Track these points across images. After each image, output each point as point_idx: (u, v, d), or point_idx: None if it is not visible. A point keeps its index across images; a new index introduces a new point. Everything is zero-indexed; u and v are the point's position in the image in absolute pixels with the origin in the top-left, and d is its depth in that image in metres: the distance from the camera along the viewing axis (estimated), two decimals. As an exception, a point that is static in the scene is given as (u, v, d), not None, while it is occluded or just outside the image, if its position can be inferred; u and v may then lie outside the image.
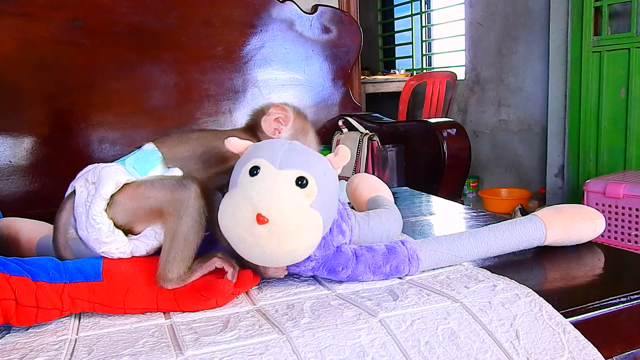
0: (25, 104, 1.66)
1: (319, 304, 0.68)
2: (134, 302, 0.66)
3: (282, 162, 0.66)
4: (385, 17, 4.57)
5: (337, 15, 2.10)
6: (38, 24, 1.65)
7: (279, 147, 0.68)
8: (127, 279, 0.67)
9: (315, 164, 0.68)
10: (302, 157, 0.67)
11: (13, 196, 1.61)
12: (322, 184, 0.67)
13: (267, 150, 0.68)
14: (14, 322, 0.60)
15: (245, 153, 0.71)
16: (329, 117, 2.06)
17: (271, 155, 0.67)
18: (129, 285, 0.67)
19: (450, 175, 1.70)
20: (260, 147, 0.70)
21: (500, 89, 3.26)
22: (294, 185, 0.65)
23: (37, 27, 1.65)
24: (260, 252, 0.64)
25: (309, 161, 0.68)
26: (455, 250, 0.78)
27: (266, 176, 0.65)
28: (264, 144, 0.70)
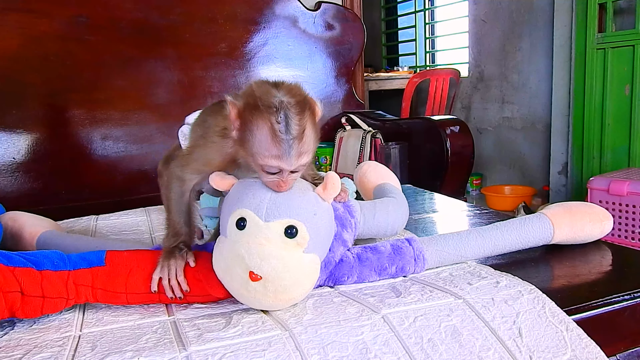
0: (29, 101, 1.66)
1: (322, 301, 0.68)
2: (135, 286, 0.67)
3: (268, 213, 0.63)
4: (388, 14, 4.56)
5: (340, 12, 2.09)
6: (42, 21, 1.66)
7: (263, 193, 0.65)
8: (129, 263, 0.68)
9: (303, 207, 0.65)
10: (288, 203, 0.64)
11: (17, 192, 1.61)
12: (313, 226, 0.65)
13: (252, 198, 0.64)
14: (19, 314, 0.61)
15: (230, 196, 0.68)
16: (332, 114, 2.06)
17: (256, 205, 0.64)
18: (130, 267, 0.68)
19: (453, 173, 1.70)
20: (244, 192, 0.66)
21: (504, 86, 3.25)
22: (284, 237, 0.63)
23: (42, 24, 1.65)
24: (259, 304, 0.64)
25: (296, 206, 0.64)
26: (461, 249, 0.77)
27: (253, 231, 0.63)
28: (248, 188, 0.66)
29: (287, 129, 0.60)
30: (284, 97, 0.61)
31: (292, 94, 0.62)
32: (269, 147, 0.61)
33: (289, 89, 0.63)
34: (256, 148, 0.62)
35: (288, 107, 0.60)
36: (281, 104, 0.60)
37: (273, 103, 0.61)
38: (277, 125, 0.60)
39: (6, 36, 1.61)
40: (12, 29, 1.62)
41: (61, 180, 1.67)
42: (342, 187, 0.71)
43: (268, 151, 0.61)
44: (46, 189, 1.67)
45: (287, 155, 0.61)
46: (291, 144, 0.61)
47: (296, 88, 0.64)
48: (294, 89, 0.64)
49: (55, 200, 1.68)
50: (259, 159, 0.62)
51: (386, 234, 0.88)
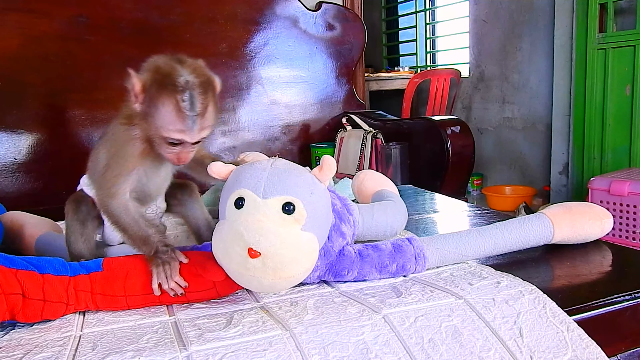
0: (29, 101, 1.66)
1: (323, 301, 0.68)
2: (134, 288, 0.67)
3: (266, 190, 0.64)
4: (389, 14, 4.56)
5: (341, 12, 2.09)
6: (42, 21, 1.66)
7: (260, 172, 0.66)
8: (126, 266, 0.68)
9: (300, 185, 0.66)
10: (285, 182, 0.65)
11: (18, 193, 1.61)
12: (310, 205, 0.66)
13: (249, 178, 0.66)
14: (20, 317, 0.61)
15: (229, 181, 0.69)
16: (332, 114, 2.06)
17: (254, 183, 0.65)
18: (128, 270, 0.68)
19: (454, 173, 1.70)
20: (242, 174, 0.68)
21: (504, 86, 3.25)
22: (281, 213, 0.64)
23: (42, 24, 1.66)
24: (258, 283, 0.65)
25: (293, 184, 0.66)
26: (462, 249, 0.77)
27: (251, 208, 0.64)
28: (245, 170, 0.68)
29: (191, 106, 0.65)
30: (189, 76, 0.65)
31: (197, 73, 0.66)
32: (173, 121, 0.66)
33: (194, 67, 0.67)
34: (161, 122, 0.66)
35: (193, 87, 0.65)
36: (187, 83, 0.65)
37: (179, 82, 0.64)
38: (182, 103, 0.65)
39: (6, 36, 1.61)
40: (12, 29, 1.62)
41: (61, 180, 1.66)
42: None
43: (172, 125, 0.66)
44: (46, 189, 1.67)
45: (191, 130, 0.66)
46: (195, 119, 0.66)
47: (200, 67, 0.68)
48: (198, 68, 0.67)
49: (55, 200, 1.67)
50: (163, 132, 0.67)
51: (385, 234, 0.89)
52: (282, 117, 1.99)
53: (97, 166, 0.74)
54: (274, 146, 1.97)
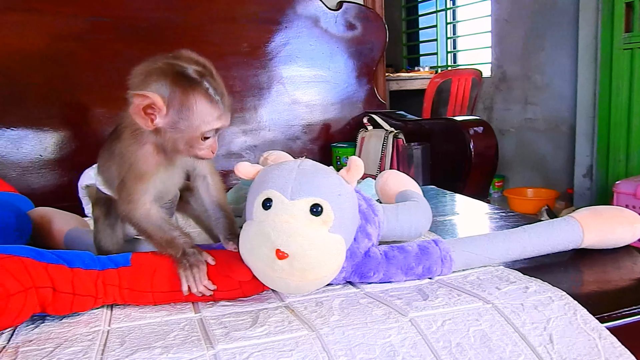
0: (54, 100, 1.69)
1: (348, 302, 0.68)
2: (160, 284, 0.67)
3: (294, 192, 0.64)
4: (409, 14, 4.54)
5: (362, 11, 2.09)
6: (67, 21, 1.68)
7: (287, 173, 0.66)
8: (154, 262, 0.69)
9: (328, 186, 0.66)
10: (313, 182, 0.65)
11: (43, 189, 1.64)
12: (337, 206, 0.65)
13: (277, 179, 0.66)
14: (50, 310, 0.62)
15: (256, 181, 0.69)
16: (353, 114, 2.05)
17: (281, 184, 0.65)
18: (155, 266, 0.68)
19: (476, 174, 1.68)
20: (270, 174, 0.67)
21: (526, 86, 3.21)
22: (309, 214, 0.63)
23: (67, 24, 1.68)
24: (285, 284, 0.65)
25: (321, 185, 0.65)
26: (488, 252, 0.76)
27: (279, 209, 0.64)
28: (273, 171, 0.68)
29: (216, 91, 0.65)
30: (194, 65, 0.65)
31: (194, 60, 0.66)
32: (211, 112, 0.65)
33: (188, 57, 0.66)
34: (199, 119, 0.65)
35: (204, 74, 0.65)
36: (199, 73, 0.65)
37: (196, 75, 0.64)
38: (210, 91, 0.65)
39: (32, 36, 1.64)
40: (37, 29, 1.64)
41: (85, 177, 1.69)
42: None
43: (211, 116, 0.65)
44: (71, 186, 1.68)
45: (226, 113, 0.67)
46: (223, 102, 0.66)
47: (189, 55, 0.67)
48: (189, 55, 0.67)
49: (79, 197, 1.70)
50: (203, 127, 0.66)
51: (410, 235, 0.88)
52: (303, 117, 1.99)
53: (111, 177, 0.73)
54: (294, 145, 1.97)
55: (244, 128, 1.91)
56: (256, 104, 1.93)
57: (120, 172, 0.70)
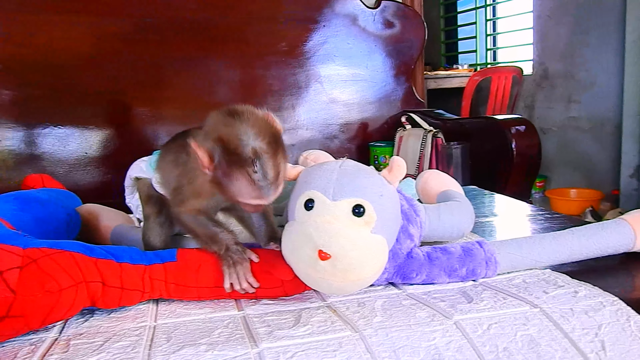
0: (99, 99, 1.73)
1: (390, 303, 0.67)
2: (205, 280, 0.68)
3: (336, 192, 0.64)
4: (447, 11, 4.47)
5: (400, 9, 2.07)
6: (112, 22, 1.72)
7: (329, 174, 0.66)
8: (199, 258, 0.70)
9: (370, 187, 0.66)
10: (355, 183, 0.65)
11: (89, 186, 1.69)
12: (380, 207, 0.65)
13: (319, 179, 0.66)
14: (100, 303, 0.63)
15: (298, 182, 0.70)
16: (391, 113, 2.04)
17: (323, 185, 0.65)
18: (200, 262, 0.69)
19: (518, 174, 1.65)
20: (312, 175, 0.68)
21: (570, 84, 3.12)
22: (351, 215, 0.63)
23: (111, 25, 1.72)
24: (327, 285, 0.65)
25: (363, 186, 0.65)
26: (535, 254, 0.74)
27: (321, 210, 0.64)
28: (315, 171, 0.68)
29: (264, 176, 0.61)
30: (255, 140, 0.60)
31: (261, 132, 0.61)
32: (249, 192, 0.61)
33: (257, 125, 0.61)
34: (235, 192, 0.62)
35: (261, 154, 0.60)
36: (255, 152, 0.60)
37: (247, 154, 0.60)
38: (255, 175, 0.60)
39: (79, 37, 1.69)
40: (84, 30, 1.69)
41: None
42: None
43: (248, 195, 0.62)
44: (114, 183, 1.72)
45: (267, 196, 0.62)
46: (269, 187, 0.61)
47: (262, 121, 0.62)
48: (260, 122, 0.62)
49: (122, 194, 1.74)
50: (239, 198, 0.63)
51: (452, 236, 0.87)
52: (341, 116, 1.99)
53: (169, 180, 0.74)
54: (332, 144, 1.97)
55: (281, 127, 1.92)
56: (294, 103, 1.93)
57: (180, 180, 0.71)
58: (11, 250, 0.58)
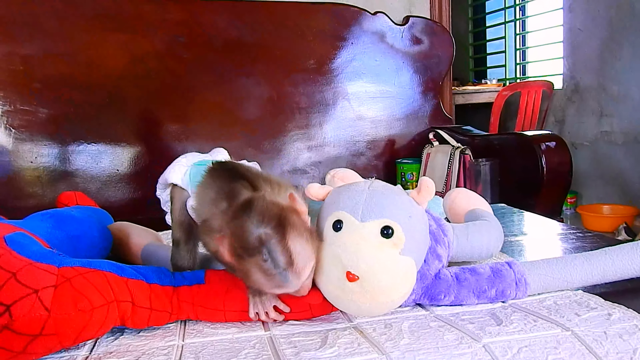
0: (131, 116, 1.78)
1: (418, 325, 0.67)
2: (233, 303, 0.69)
3: (364, 214, 0.64)
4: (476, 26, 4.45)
5: (428, 26, 2.07)
6: (145, 40, 1.77)
7: (358, 194, 0.66)
8: (227, 282, 0.70)
9: (398, 208, 0.66)
10: (384, 204, 0.65)
11: (120, 202, 1.72)
12: (408, 228, 0.65)
13: (348, 200, 0.66)
14: (129, 323, 0.64)
15: (327, 202, 0.70)
16: (419, 129, 2.03)
17: (352, 206, 0.65)
18: (228, 285, 0.70)
19: (549, 191, 1.62)
20: (341, 195, 0.68)
21: (602, 98, 3.05)
22: (380, 237, 0.63)
23: (144, 43, 1.77)
24: (355, 307, 0.65)
25: (391, 207, 0.65)
26: (567, 275, 0.73)
27: (350, 231, 0.64)
28: (344, 192, 0.68)
29: (275, 263, 0.58)
30: (260, 226, 0.58)
31: (266, 215, 0.59)
32: (266, 283, 0.60)
33: (261, 208, 0.59)
34: (257, 285, 0.61)
35: (268, 240, 0.58)
36: (260, 241, 0.58)
37: (253, 244, 0.58)
38: (264, 265, 0.58)
39: (113, 55, 1.74)
40: (118, 48, 1.75)
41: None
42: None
43: (267, 286, 0.61)
44: (145, 199, 1.77)
45: (287, 283, 0.60)
46: (285, 273, 0.59)
47: (269, 204, 0.60)
48: (265, 205, 0.60)
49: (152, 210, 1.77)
50: (264, 290, 0.63)
51: (481, 256, 0.86)
52: (368, 132, 1.99)
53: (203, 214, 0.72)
54: (359, 161, 1.97)
55: (308, 144, 1.93)
56: (321, 120, 1.95)
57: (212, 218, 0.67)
58: (46, 269, 0.60)
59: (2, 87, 1.63)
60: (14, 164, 1.66)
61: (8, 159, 1.65)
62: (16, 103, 1.65)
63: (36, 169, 1.67)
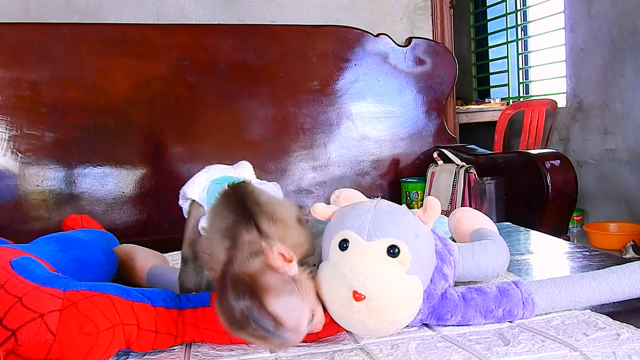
0: (136, 138, 1.79)
1: (425, 346, 0.66)
2: None
3: (370, 233, 0.65)
4: (479, 46, 4.48)
5: (431, 46, 2.09)
6: (151, 64, 1.79)
7: (364, 214, 0.67)
8: None
9: (404, 227, 0.66)
10: (390, 223, 0.65)
11: (125, 224, 1.73)
12: (415, 247, 0.65)
13: (354, 220, 0.66)
14: (134, 347, 0.64)
15: (332, 221, 0.70)
16: (423, 149, 2.04)
17: (358, 225, 0.65)
18: None
19: (554, 210, 1.61)
20: (346, 215, 0.68)
21: (605, 115, 3.06)
22: (386, 256, 0.63)
23: (150, 67, 1.79)
24: (362, 327, 0.64)
25: (398, 226, 0.66)
26: (574, 294, 0.72)
27: (356, 251, 0.64)
28: (349, 211, 0.68)
29: (265, 330, 0.57)
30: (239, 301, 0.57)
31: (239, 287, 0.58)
32: (269, 345, 0.61)
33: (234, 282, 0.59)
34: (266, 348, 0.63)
35: (250, 313, 0.57)
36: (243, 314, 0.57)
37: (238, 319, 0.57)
38: (258, 333, 0.57)
39: (120, 79, 1.76)
40: (125, 72, 1.77)
41: (163, 213, 1.77)
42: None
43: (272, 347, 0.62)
44: (150, 221, 1.77)
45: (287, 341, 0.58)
46: (280, 333, 0.57)
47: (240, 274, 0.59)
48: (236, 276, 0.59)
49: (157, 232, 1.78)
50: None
51: (487, 276, 0.85)
52: (372, 152, 2.00)
53: (212, 246, 0.70)
54: (363, 181, 1.97)
55: (313, 164, 1.94)
56: (325, 141, 1.95)
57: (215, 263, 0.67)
58: (52, 293, 0.60)
59: (9, 112, 1.65)
60: (20, 188, 1.67)
61: (14, 182, 1.66)
62: (23, 127, 1.66)
63: (42, 192, 1.68)
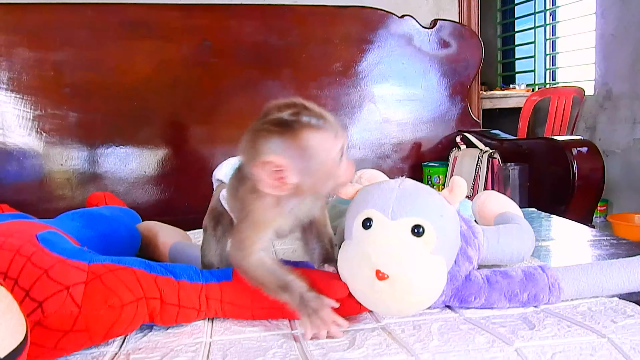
0: (158, 120, 1.80)
1: (447, 327, 0.65)
2: (260, 300, 0.67)
3: (395, 212, 0.63)
4: (505, 30, 4.39)
5: (457, 29, 2.05)
6: (172, 46, 1.79)
7: (388, 193, 0.65)
8: None
9: (430, 206, 0.64)
10: (415, 202, 0.64)
11: (147, 203, 1.74)
12: (440, 227, 0.64)
13: (378, 198, 0.65)
14: (157, 320, 0.65)
15: (356, 200, 0.68)
16: (445, 133, 2.01)
17: (382, 204, 0.64)
18: None
19: (580, 198, 1.58)
20: (370, 194, 0.66)
21: (635, 105, 2.98)
22: (410, 235, 0.62)
23: (171, 50, 1.79)
24: (385, 307, 0.64)
25: (423, 205, 0.64)
26: (602, 281, 0.71)
27: (380, 229, 0.63)
28: (373, 190, 0.67)
29: (317, 118, 0.62)
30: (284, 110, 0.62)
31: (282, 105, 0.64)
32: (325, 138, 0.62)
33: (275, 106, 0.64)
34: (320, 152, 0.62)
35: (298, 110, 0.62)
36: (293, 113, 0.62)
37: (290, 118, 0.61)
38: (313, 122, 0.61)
39: (142, 62, 1.76)
40: (147, 55, 1.77)
41: (184, 193, 1.78)
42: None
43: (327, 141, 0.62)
44: (171, 201, 1.78)
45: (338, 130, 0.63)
46: (329, 121, 0.63)
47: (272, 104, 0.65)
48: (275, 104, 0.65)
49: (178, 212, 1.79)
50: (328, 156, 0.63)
51: (512, 260, 0.84)
52: (394, 135, 1.98)
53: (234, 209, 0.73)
54: (384, 164, 1.96)
55: (334, 147, 1.92)
56: (347, 123, 1.94)
57: (239, 216, 0.69)
58: (77, 266, 0.61)
59: (33, 92, 1.67)
60: (45, 167, 1.69)
61: (39, 162, 1.69)
62: (47, 108, 1.68)
63: (66, 171, 1.71)
